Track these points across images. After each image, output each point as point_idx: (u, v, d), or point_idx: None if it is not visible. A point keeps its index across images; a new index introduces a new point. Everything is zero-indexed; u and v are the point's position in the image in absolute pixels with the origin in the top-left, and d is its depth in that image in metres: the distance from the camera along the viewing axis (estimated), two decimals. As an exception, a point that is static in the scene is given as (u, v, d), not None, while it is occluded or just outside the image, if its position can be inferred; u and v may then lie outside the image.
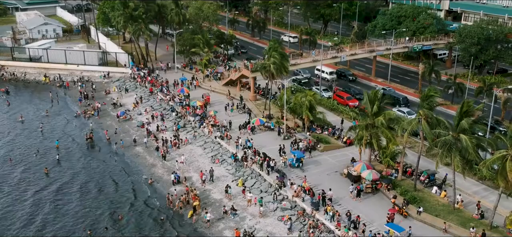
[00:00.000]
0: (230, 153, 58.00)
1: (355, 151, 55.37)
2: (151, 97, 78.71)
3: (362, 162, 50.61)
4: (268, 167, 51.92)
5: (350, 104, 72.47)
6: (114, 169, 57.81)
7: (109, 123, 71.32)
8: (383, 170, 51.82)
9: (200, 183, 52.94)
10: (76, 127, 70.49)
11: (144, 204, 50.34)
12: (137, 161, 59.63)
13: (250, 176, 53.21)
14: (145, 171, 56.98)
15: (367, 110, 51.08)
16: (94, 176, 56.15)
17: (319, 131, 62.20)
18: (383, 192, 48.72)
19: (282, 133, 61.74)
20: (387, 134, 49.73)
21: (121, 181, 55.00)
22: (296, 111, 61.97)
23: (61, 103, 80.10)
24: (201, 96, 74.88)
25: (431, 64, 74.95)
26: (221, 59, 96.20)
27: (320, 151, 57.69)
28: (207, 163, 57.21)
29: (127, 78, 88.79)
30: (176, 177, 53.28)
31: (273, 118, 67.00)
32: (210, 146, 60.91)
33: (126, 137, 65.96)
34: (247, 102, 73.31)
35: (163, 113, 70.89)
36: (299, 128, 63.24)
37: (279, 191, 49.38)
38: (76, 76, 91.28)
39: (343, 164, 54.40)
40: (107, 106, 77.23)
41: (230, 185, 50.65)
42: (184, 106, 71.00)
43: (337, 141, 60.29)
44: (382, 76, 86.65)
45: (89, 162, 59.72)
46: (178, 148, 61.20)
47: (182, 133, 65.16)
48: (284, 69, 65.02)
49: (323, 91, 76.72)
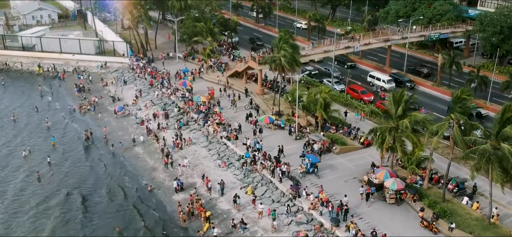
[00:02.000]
0: (237, 156, 53.19)
1: (374, 153, 50.63)
2: (151, 90, 73.59)
3: (385, 169, 45.77)
4: (281, 175, 47.04)
5: (365, 98, 67.44)
6: (110, 174, 52.93)
7: (107, 119, 66.35)
8: (407, 177, 47.02)
9: (205, 190, 48.21)
10: (71, 124, 65.56)
11: (141, 216, 45.67)
12: (137, 163, 54.79)
13: (260, 183, 48.43)
14: (145, 176, 52.17)
15: (390, 111, 46.04)
16: (88, 183, 51.16)
17: (333, 130, 57.26)
18: (409, 203, 43.98)
19: (293, 133, 56.82)
20: (413, 138, 44.83)
21: (118, 188, 50.13)
22: (309, 108, 56.92)
23: (55, 96, 75.05)
24: (205, 89, 69.84)
25: (452, 56, 69.58)
26: (225, 48, 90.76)
27: (335, 153, 52.85)
28: (212, 167, 52.44)
29: (125, 69, 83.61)
30: (179, 184, 48.52)
31: (283, 115, 62.03)
32: (215, 147, 56.05)
33: (124, 136, 61.05)
34: (254, 97, 68.26)
35: (166, 110, 65.62)
36: (312, 127, 58.30)
37: (293, 201, 44.67)
38: (72, 66, 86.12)
39: (362, 168, 49.65)
40: (104, 100, 72.20)
41: (239, 195, 45.90)
42: (186, 102, 65.91)
43: (354, 142, 55.40)
44: (396, 66, 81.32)
45: (84, 166, 54.85)
46: (180, 149, 56.34)
47: (184, 131, 60.27)
48: (295, 63, 59.80)
49: (335, 84, 71.59)
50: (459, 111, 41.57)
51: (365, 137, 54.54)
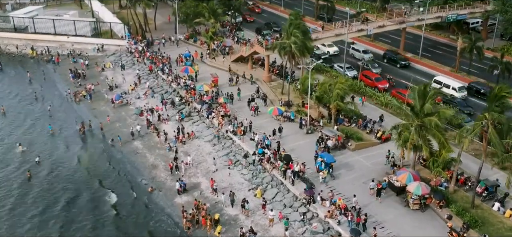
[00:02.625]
0: (244, 153, 49.03)
1: (392, 148, 46.43)
2: (151, 77, 69.10)
3: (407, 171, 41.67)
4: (293, 176, 42.94)
5: (380, 86, 63.00)
6: (107, 172, 48.89)
7: (103, 109, 62.06)
8: (430, 178, 42.98)
9: (211, 192, 44.28)
10: (64, 113, 61.32)
11: (141, 221, 41.84)
12: (136, 160, 50.74)
13: (270, 184, 44.44)
14: (145, 174, 48.17)
15: (415, 107, 41.75)
16: (81, 184, 46.97)
17: (347, 123, 53.04)
18: (434, 209, 40.02)
19: (304, 126, 52.63)
20: (440, 137, 40.67)
21: (115, 189, 46.12)
22: (322, 99, 52.45)
23: (49, 83, 70.65)
24: (208, 76, 65.33)
25: (473, 39, 64.77)
26: (228, 29, 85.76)
27: (351, 150, 48.75)
28: (218, 164, 48.31)
29: (123, 52, 78.87)
30: (182, 185, 44.56)
31: (293, 105, 57.72)
32: (220, 142, 51.89)
33: (122, 128, 56.88)
34: (261, 84, 63.84)
35: (167, 100, 61.14)
36: (324, 119, 54.04)
37: (307, 207, 40.75)
38: (67, 49, 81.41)
39: (380, 167, 45.63)
40: (101, 87, 67.76)
41: (248, 199, 41.95)
42: (188, 90, 61.47)
43: (370, 136, 51.21)
44: (411, 49, 76.56)
45: (77, 163, 50.63)
46: (183, 144, 52.21)
47: (187, 123, 56.06)
48: (307, 50, 55.17)
49: (347, 70, 67.03)
50: (496, 111, 37.11)
51: (381, 131, 50.63)
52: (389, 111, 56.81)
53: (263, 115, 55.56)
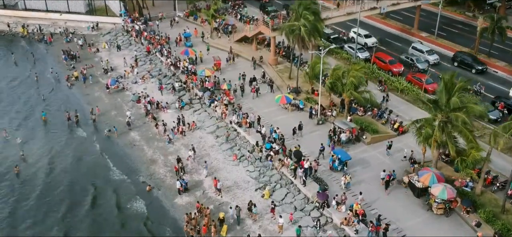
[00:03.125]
0: (250, 146, 45.19)
1: (411, 142, 42.64)
2: (148, 59, 64.70)
3: (431, 171, 37.81)
4: (304, 176, 39.06)
5: (394, 69, 58.63)
6: (100, 168, 44.93)
7: (98, 94, 57.93)
8: (454, 177, 39.20)
9: (214, 191, 40.58)
10: (55, 99, 57.25)
11: (137, 228, 38.24)
12: (132, 153, 46.84)
13: (279, 184, 40.69)
14: (143, 170, 44.33)
15: (440, 100, 37.67)
16: (71, 181, 43.02)
17: (361, 112, 49.01)
18: (460, 214, 36.34)
19: (315, 116, 48.62)
20: (468, 136, 36.72)
21: (109, 187, 42.30)
22: (335, 87, 48.18)
23: (41, 65, 66.33)
24: (210, 58, 61.03)
25: (495, 19, 60.06)
26: (230, 5, 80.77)
27: (366, 143, 44.86)
28: (221, 159, 44.56)
29: (119, 31, 74.22)
30: (183, 184, 40.82)
31: (301, 92, 53.59)
32: (223, 132, 47.91)
33: (118, 116, 52.90)
34: (267, 68, 59.52)
35: (165, 86, 57.00)
36: (336, 108, 50.02)
37: (320, 211, 37.09)
38: (60, 27, 76.71)
39: (399, 164, 41.83)
40: (95, 69, 63.47)
41: (255, 201, 38.31)
42: (189, 75, 57.18)
43: (386, 127, 47.25)
44: (425, 28, 71.79)
45: (67, 157, 46.51)
46: (183, 136, 48.29)
47: (187, 112, 52.03)
48: (318, 33, 50.67)
49: (358, 52, 62.53)
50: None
51: (398, 122, 46.70)
52: (404, 98, 52.73)
53: (267, 100, 51.48)
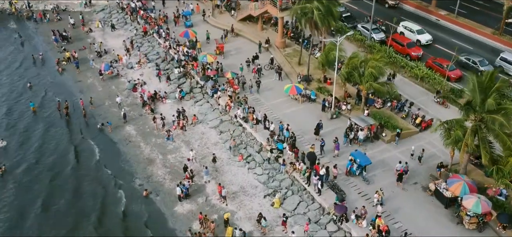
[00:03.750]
0: (258, 146, 40.92)
1: (436, 141, 38.54)
2: (145, 40, 59.81)
3: (462, 179, 33.64)
4: (320, 184, 34.88)
5: (412, 53, 53.77)
6: (91, 168, 40.78)
7: (91, 81, 53.38)
8: (488, 186, 35.07)
9: (218, 198, 36.56)
10: (44, 87, 52.75)
11: None
12: (128, 151, 42.60)
13: (291, 190, 36.61)
14: (139, 172, 40.15)
15: (474, 100, 33.20)
16: (58, 185, 38.96)
17: (379, 104, 44.56)
18: (496, 230, 32.37)
19: (328, 109, 44.19)
20: (507, 141, 32.35)
21: (101, 191, 38.26)
22: (352, 77, 43.51)
23: (29, 46, 61.52)
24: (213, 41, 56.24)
25: (524, -3, 54.80)
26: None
27: (386, 142, 40.59)
28: (225, 159, 40.35)
29: (113, 8, 68.96)
30: (184, 190, 36.76)
31: (312, 80, 49.00)
32: (228, 128, 43.64)
33: (112, 107, 48.53)
34: (274, 51, 54.72)
35: (163, 71, 52.29)
36: (351, 99, 45.56)
37: (338, 224, 33.13)
38: (50, 3, 71.44)
39: (424, 167, 37.66)
40: (88, 52, 58.69)
41: (264, 210, 34.35)
42: (189, 61, 52.43)
43: (407, 122, 42.85)
44: (443, 5, 66.34)
45: (53, 155, 42.34)
46: (183, 131, 43.99)
47: (188, 103, 47.61)
48: (332, 17, 45.66)
49: (373, 33, 57.55)
50: None
51: (421, 117, 42.32)
52: (425, 86, 48.17)
53: (276, 90, 46.92)
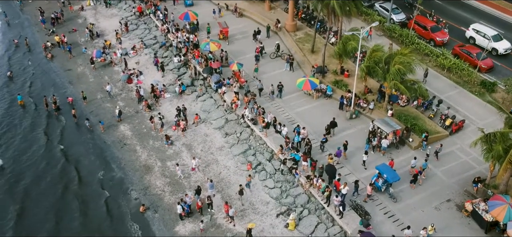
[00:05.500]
0: (268, 152, 36.20)
1: (467, 145, 34.15)
2: (141, 22, 54.36)
3: (507, 203, 29.12)
4: (341, 206, 30.31)
5: (437, 38, 48.47)
6: (79, 178, 36.04)
7: (81, 70, 48.35)
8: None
9: (225, 218, 32.16)
10: (27, 77, 47.86)
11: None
12: (122, 157, 37.82)
13: (307, 209, 32.17)
14: (135, 181, 35.55)
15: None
16: (38, 196, 34.46)
17: (403, 102, 39.66)
18: (546, 262, 28.19)
19: (347, 107, 39.33)
20: None
21: (91, 204, 33.71)
22: (374, 73, 38.38)
23: (14, 28, 56.24)
24: (215, 24, 50.82)
25: None
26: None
27: (412, 148, 35.92)
28: (232, 168, 35.76)
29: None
30: (185, 209, 32.31)
31: (328, 72, 43.94)
32: (234, 130, 38.90)
33: (105, 102, 43.68)
34: (284, 36, 49.43)
35: (158, 57, 47.11)
36: (371, 95, 40.66)
37: (362, 254, 28.90)
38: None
39: (456, 178, 33.17)
40: (79, 35, 53.43)
41: (277, 232, 30.05)
42: (190, 49, 47.17)
43: (435, 123, 38.02)
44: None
45: (36, 160, 37.69)
46: (185, 133, 39.22)
47: (188, 98, 42.70)
48: (355, 5, 40.10)
49: (393, 14, 52.01)
50: None
51: (451, 118, 37.51)
52: (453, 78, 43.10)
53: (287, 83, 41.86)
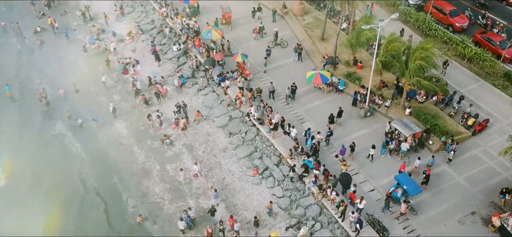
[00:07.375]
0: (276, 157, 33.34)
1: (491, 148, 31.47)
2: (138, 4, 50.76)
3: (541, 220, 26.61)
4: (358, 223, 27.62)
5: (456, 24, 45.04)
6: (70, 181, 33.20)
7: (73, 58, 45.02)
8: None
9: (229, 231, 29.54)
10: (15, 65, 44.70)
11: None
12: (118, 158, 34.87)
13: (319, 222, 29.52)
14: (132, 187, 32.81)
15: None
16: (23, 195, 31.76)
17: (421, 98, 36.60)
18: None
19: (361, 104, 36.28)
20: None
21: (84, 214, 30.98)
22: (391, 67, 35.15)
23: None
24: (216, 8, 47.30)
25: None
26: None
27: (432, 151, 33.04)
28: (237, 174, 32.93)
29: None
30: (188, 221, 29.63)
31: (339, 62, 40.70)
32: (239, 129, 35.97)
33: (99, 95, 40.56)
34: (290, 20, 45.99)
35: (155, 45, 43.70)
36: (387, 90, 37.56)
37: (381, 277, 26.43)
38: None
39: (481, 187, 30.51)
40: (71, 17, 49.94)
41: (288, 255, 27.57)
42: (190, 36, 43.76)
43: (455, 122, 35.02)
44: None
45: (27, 159, 34.84)
46: (184, 132, 36.29)
47: (189, 91, 39.62)
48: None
49: (408, -3, 48.50)
50: None
51: (473, 117, 34.54)
52: (474, 70, 39.96)
53: (295, 76, 38.67)
